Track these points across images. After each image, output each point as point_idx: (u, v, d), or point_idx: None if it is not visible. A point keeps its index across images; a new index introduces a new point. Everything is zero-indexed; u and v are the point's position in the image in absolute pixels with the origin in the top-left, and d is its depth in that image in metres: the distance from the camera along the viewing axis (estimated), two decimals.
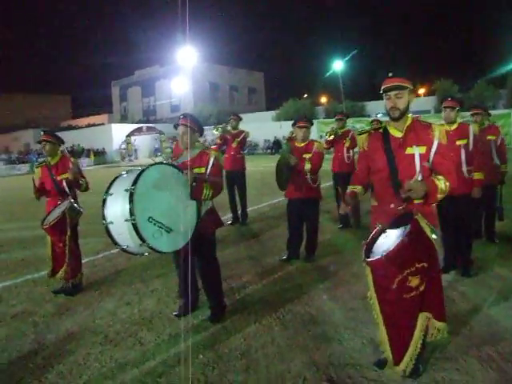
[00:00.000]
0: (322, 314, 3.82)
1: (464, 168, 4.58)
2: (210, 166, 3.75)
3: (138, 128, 37.60)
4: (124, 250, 3.35)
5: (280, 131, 31.15)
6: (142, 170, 3.32)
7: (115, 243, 3.36)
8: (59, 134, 4.91)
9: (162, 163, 3.62)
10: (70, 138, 37.48)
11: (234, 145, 8.05)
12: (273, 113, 38.70)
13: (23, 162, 32.52)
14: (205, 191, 3.57)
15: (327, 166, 6.62)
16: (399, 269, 2.39)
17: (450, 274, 4.61)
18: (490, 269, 4.76)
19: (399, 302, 2.48)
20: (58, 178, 4.61)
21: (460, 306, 3.86)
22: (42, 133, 4.64)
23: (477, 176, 4.60)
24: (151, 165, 3.47)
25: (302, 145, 5.40)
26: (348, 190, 3.06)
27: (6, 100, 59.38)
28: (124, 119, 49.64)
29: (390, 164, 2.73)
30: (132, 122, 43.97)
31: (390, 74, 2.70)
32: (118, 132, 37.11)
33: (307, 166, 5.23)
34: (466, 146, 4.56)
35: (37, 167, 4.85)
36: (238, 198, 8.11)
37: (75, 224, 4.58)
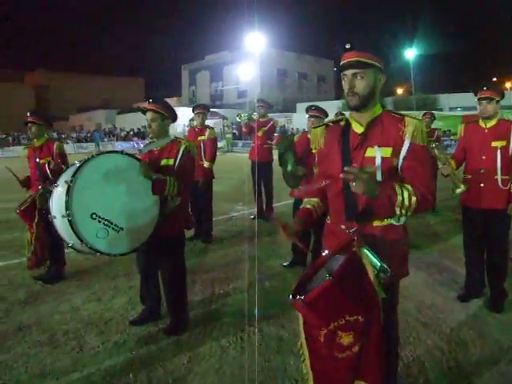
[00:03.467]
0: (292, 341, 3.18)
1: (499, 177, 3.57)
2: (179, 158, 3.25)
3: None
4: (72, 248, 2.99)
5: None
6: (87, 160, 2.92)
7: (61, 240, 3.01)
8: (131, 115, 4.61)
9: (115, 152, 3.19)
10: (139, 120, 38.87)
11: (259, 133, 7.43)
12: (339, 102, 37.24)
13: (91, 141, 34.06)
14: (168, 186, 3.09)
15: None
16: (322, 319, 1.69)
17: (470, 305, 3.78)
18: None
19: (331, 361, 1.77)
20: (41, 162, 4.33)
21: (477, 353, 3.02)
22: (28, 113, 4.37)
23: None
24: (99, 154, 3.05)
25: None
26: (300, 207, 2.31)
27: (84, 81, 63.08)
28: (192, 103, 50.36)
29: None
30: None
31: (348, 46, 1.93)
32: (183, 115, 37.39)
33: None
34: (505, 148, 3.58)
35: (24, 149, 4.65)
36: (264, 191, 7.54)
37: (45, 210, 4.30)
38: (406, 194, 1.85)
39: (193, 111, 6.21)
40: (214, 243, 5.96)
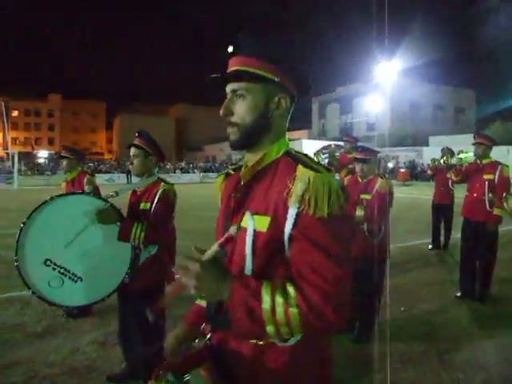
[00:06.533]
0: None
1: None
2: (155, 202, 2.95)
3: (327, 145, 37.49)
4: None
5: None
6: (46, 201, 2.77)
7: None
8: None
9: (81, 193, 3.01)
10: None
11: (342, 174, 6.79)
12: None
13: (216, 171, 36.02)
14: (134, 231, 2.81)
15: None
16: None
17: None
18: None
19: None
20: None
21: None
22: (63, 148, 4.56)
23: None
24: (61, 195, 2.89)
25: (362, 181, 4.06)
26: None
27: (216, 113, 67.64)
28: (322, 135, 50.37)
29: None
30: (329, 139, 44.33)
31: (231, 50, 1.28)
32: (309, 148, 37.71)
33: (359, 213, 3.84)
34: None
35: (63, 181, 4.82)
36: None
37: None
38: (279, 302, 1.10)
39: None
40: None
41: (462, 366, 3.41)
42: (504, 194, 3.33)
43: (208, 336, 1.30)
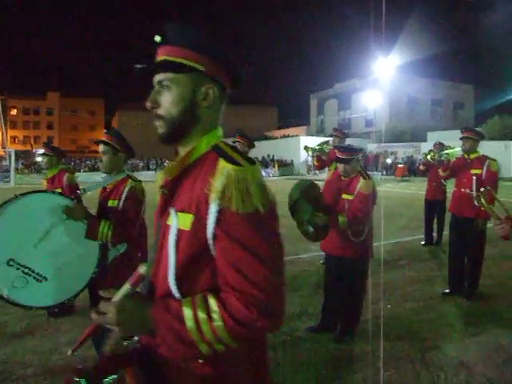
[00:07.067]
0: None
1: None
2: (122, 200, 2.90)
3: (325, 141, 37.41)
4: None
5: (480, 152, 26.53)
6: (10, 199, 2.70)
7: None
8: (258, 143, 4.63)
9: (46, 191, 2.94)
10: (263, 148, 40.03)
11: (331, 168, 6.72)
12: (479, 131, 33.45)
13: None
14: (101, 229, 2.76)
15: None
16: None
17: None
18: None
19: None
20: None
21: None
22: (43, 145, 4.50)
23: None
24: (25, 193, 2.81)
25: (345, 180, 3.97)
26: None
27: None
28: (320, 132, 50.17)
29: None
30: (327, 135, 44.20)
31: (158, 39, 1.21)
32: (311, 144, 37.58)
33: (342, 219, 3.73)
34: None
35: (43, 180, 4.76)
36: None
37: None
38: (202, 319, 1.04)
39: (233, 142, 5.83)
40: None
41: (443, 365, 3.35)
42: (482, 190, 3.18)
43: (136, 338, 1.23)
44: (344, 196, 3.88)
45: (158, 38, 1.21)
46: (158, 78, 1.22)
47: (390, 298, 4.92)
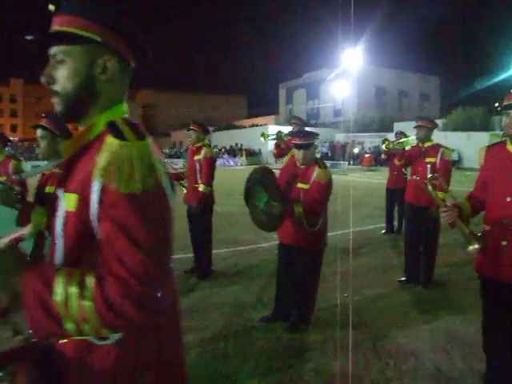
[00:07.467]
0: None
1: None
2: None
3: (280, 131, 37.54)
4: None
5: (445, 142, 27.16)
6: None
7: None
8: (226, 132, 4.35)
9: None
10: (234, 137, 39.80)
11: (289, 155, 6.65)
12: (443, 121, 34.26)
13: (178, 157, 35.28)
14: (33, 216, 2.58)
15: None
16: None
17: None
18: None
19: None
20: None
21: None
22: None
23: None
24: None
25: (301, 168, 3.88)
26: None
27: (188, 100, 67.12)
28: (288, 121, 50.18)
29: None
30: None
31: (51, 7, 1.10)
32: (264, 131, 37.54)
33: (298, 210, 3.64)
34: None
35: None
36: None
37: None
38: (72, 294, 0.95)
39: (187, 130, 5.66)
40: (211, 280, 5.22)
41: (394, 353, 3.35)
42: (429, 176, 3.16)
43: (31, 331, 1.12)
44: (299, 185, 3.80)
45: (51, 7, 1.11)
46: (51, 51, 1.12)
47: (349, 286, 4.91)
